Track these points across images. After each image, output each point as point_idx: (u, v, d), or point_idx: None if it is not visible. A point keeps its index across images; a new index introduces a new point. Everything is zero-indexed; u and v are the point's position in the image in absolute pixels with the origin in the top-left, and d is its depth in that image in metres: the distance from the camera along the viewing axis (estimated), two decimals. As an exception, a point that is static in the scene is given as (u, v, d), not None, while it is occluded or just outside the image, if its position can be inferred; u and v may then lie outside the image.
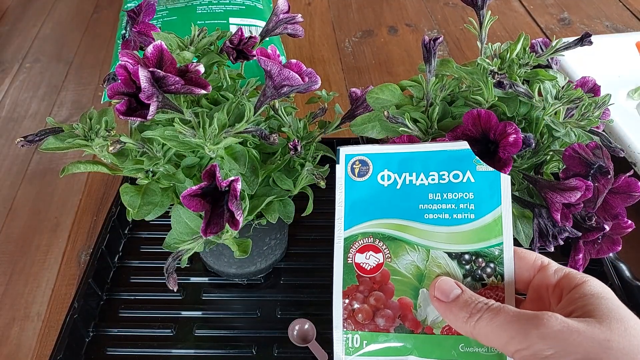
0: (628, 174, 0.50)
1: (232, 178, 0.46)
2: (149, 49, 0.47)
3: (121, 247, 0.73)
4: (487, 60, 0.54)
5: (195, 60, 0.57)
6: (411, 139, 0.52)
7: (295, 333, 0.62)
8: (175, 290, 0.50)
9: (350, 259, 0.42)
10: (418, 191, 0.42)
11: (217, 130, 0.49)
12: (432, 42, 0.54)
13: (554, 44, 0.57)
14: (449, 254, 0.40)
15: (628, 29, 1.15)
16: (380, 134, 0.59)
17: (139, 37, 0.58)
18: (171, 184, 0.56)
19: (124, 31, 0.61)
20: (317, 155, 0.60)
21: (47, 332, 0.66)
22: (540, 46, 0.59)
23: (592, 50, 0.60)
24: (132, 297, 0.67)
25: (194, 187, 0.46)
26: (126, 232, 0.75)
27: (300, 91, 0.52)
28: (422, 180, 0.43)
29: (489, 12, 0.56)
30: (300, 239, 0.73)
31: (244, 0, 1.08)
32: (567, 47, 0.57)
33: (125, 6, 1.12)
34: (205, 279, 0.69)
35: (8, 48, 1.18)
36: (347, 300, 0.41)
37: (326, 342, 0.61)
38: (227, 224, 0.46)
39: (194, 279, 0.69)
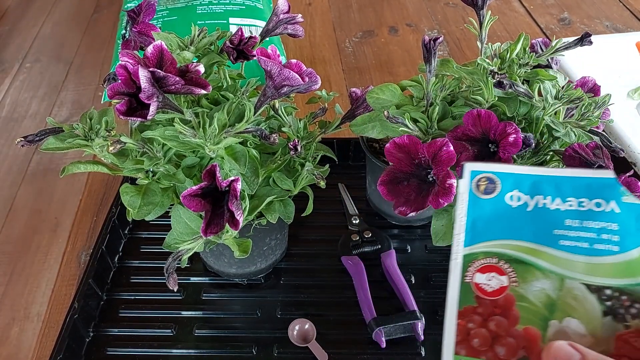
0: (628, 174, 0.50)
1: (232, 178, 0.46)
2: (149, 49, 0.47)
3: (121, 247, 0.73)
4: (487, 60, 0.54)
5: (195, 60, 0.57)
6: (412, 139, 0.52)
7: (295, 333, 0.62)
8: (175, 290, 0.50)
9: (468, 278, 0.38)
10: (553, 216, 0.39)
11: (217, 130, 0.49)
12: (432, 42, 0.54)
13: (554, 44, 0.57)
14: (588, 286, 0.36)
15: (628, 29, 1.15)
16: (380, 134, 0.59)
17: (139, 37, 0.58)
18: (171, 184, 0.56)
19: (124, 31, 0.61)
20: (317, 155, 0.60)
21: (47, 332, 0.66)
22: (540, 46, 0.59)
23: (592, 50, 0.60)
24: (132, 297, 0.67)
25: (194, 187, 0.46)
26: (126, 232, 0.74)
27: (301, 91, 0.52)
28: (558, 205, 0.39)
29: (489, 12, 0.56)
30: (300, 239, 0.73)
31: (244, 0, 1.08)
32: (567, 47, 0.57)
33: (125, 6, 1.12)
34: (205, 279, 0.69)
35: (8, 48, 1.18)
36: (462, 322, 0.37)
37: (326, 342, 0.61)
38: (227, 224, 0.46)
39: (194, 279, 0.69)
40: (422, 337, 0.61)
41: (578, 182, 0.40)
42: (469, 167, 0.41)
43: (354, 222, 0.74)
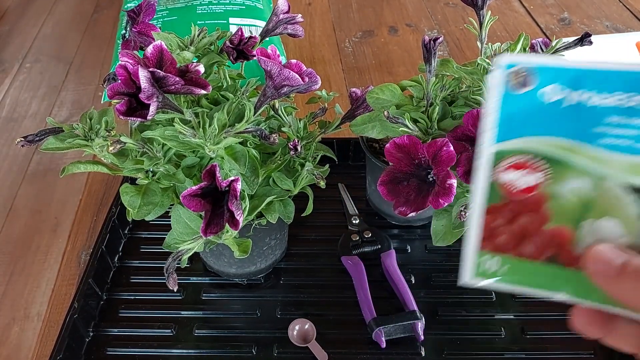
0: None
1: (232, 178, 0.46)
2: (149, 49, 0.47)
3: (121, 247, 0.73)
4: (487, 60, 0.54)
5: (195, 60, 0.57)
6: (412, 139, 0.52)
7: (295, 333, 0.62)
8: (175, 290, 0.50)
9: (497, 176, 0.35)
10: (594, 112, 0.35)
11: (217, 130, 0.49)
12: (432, 42, 0.54)
13: (554, 44, 0.57)
14: (630, 187, 0.33)
15: (628, 29, 1.15)
16: (380, 134, 0.59)
17: (139, 37, 0.58)
18: (171, 184, 0.56)
19: (124, 31, 0.61)
20: (317, 155, 0.60)
21: (47, 332, 0.66)
22: (540, 46, 0.59)
23: (592, 50, 0.60)
24: (132, 297, 0.67)
25: (194, 187, 0.46)
26: (126, 232, 0.75)
27: (300, 91, 0.52)
28: (602, 100, 0.35)
29: (489, 12, 0.56)
30: (300, 239, 0.73)
31: (244, 0, 1.08)
32: (567, 47, 0.57)
33: (125, 6, 1.12)
34: (205, 279, 0.69)
35: (8, 48, 1.18)
36: (488, 219, 0.35)
37: (326, 342, 0.61)
38: (227, 224, 0.46)
39: (194, 279, 0.69)
40: (422, 337, 0.61)
41: (630, 77, 0.35)
42: (504, 59, 0.37)
43: (354, 222, 0.74)
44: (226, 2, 1.06)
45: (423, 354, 0.60)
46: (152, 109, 0.44)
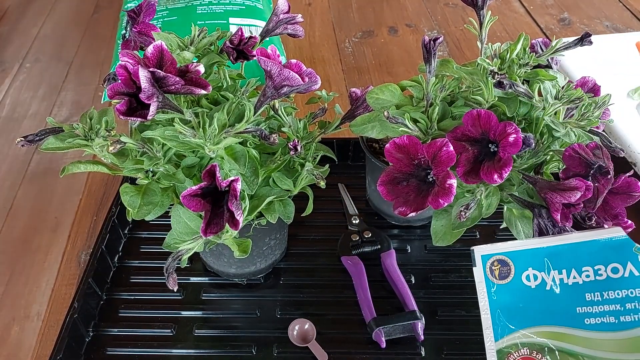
0: (628, 174, 0.50)
1: (232, 178, 0.46)
2: (149, 49, 0.47)
3: (121, 247, 0.73)
4: (487, 61, 0.54)
5: (195, 61, 0.57)
6: (411, 140, 0.52)
7: (295, 333, 0.62)
8: (175, 290, 0.50)
9: None
10: (572, 291, 0.37)
11: (217, 130, 0.49)
12: (432, 42, 0.54)
13: (554, 44, 0.57)
14: None
15: (628, 29, 1.15)
16: (380, 134, 0.59)
17: (139, 37, 0.58)
18: (171, 184, 0.56)
19: (124, 31, 0.61)
20: (317, 155, 0.60)
21: (47, 332, 0.66)
22: (540, 46, 0.59)
23: (592, 50, 0.60)
24: (132, 297, 0.67)
25: (194, 187, 0.46)
26: (126, 232, 0.75)
27: (300, 91, 0.52)
28: (574, 278, 0.37)
29: (489, 12, 0.56)
30: (300, 239, 0.73)
31: (244, 0, 1.08)
32: (567, 47, 0.57)
33: (126, 6, 1.12)
34: (205, 279, 0.69)
35: (8, 48, 1.18)
36: None
37: (326, 342, 0.61)
38: (227, 224, 0.46)
39: (194, 279, 0.69)
40: (422, 337, 0.61)
41: (590, 247, 0.38)
42: (478, 251, 0.40)
43: (353, 222, 0.74)
44: (226, 2, 1.06)
45: (423, 354, 0.60)
46: (152, 109, 0.44)
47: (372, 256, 0.69)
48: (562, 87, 0.54)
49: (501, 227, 0.60)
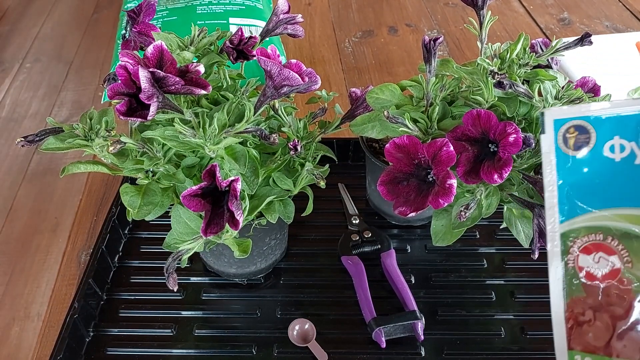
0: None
1: (232, 178, 0.46)
2: (149, 49, 0.47)
3: (121, 247, 0.73)
4: (487, 61, 0.54)
5: (195, 61, 0.57)
6: (411, 139, 0.52)
7: (295, 333, 0.62)
8: (175, 290, 0.50)
9: (571, 262, 0.32)
10: None
11: (217, 130, 0.49)
12: (432, 42, 0.54)
13: (554, 44, 0.57)
14: None
15: (628, 29, 1.15)
16: (380, 134, 0.59)
17: (139, 37, 0.58)
18: (171, 184, 0.56)
19: (124, 31, 0.61)
20: (317, 155, 0.60)
21: (47, 332, 0.66)
22: (540, 46, 0.59)
23: (592, 50, 0.60)
24: (132, 297, 0.67)
25: (194, 187, 0.46)
26: (126, 232, 0.75)
27: (300, 91, 0.52)
28: None
29: (489, 12, 0.56)
30: (300, 239, 0.73)
31: (244, 0, 1.08)
32: (567, 47, 0.57)
33: (125, 6, 1.12)
34: (205, 279, 0.69)
35: (8, 48, 1.18)
36: (572, 315, 0.31)
37: (326, 342, 0.61)
38: (227, 224, 0.46)
39: (194, 279, 0.69)
40: (422, 337, 0.61)
41: None
42: (550, 114, 0.32)
43: (353, 222, 0.74)
44: (226, 2, 1.06)
45: (423, 354, 0.60)
46: (152, 109, 0.44)
47: (372, 256, 0.69)
48: (562, 87, 0.54)
49: (501, 227, 0.60)
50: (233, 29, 0.85)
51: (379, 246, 0.70)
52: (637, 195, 0.30)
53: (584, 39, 0.55)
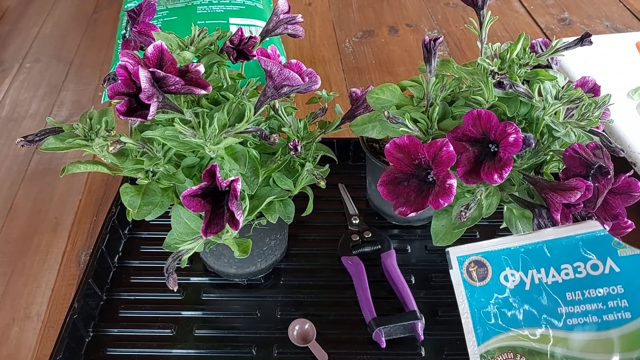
0: (628, 174, 0.50)
1: (232, 178, 0.46)
2: (149, 49, 0.47)
3: (121, 247, 0.73)
4: (488, 61, 0.54)
5: (195, 61, 0.57)
6: (412, 140, 0.52)
7: (295, 333, 0.62)
8: (175, 291, 0.50)
9: None
10: (553, 291, 0.36)
11: (217, 130, 0.49)
12: (432, 42, 0.54)
13: (554, 44, 0.57)
14: None
15: (628, 29, 1.15)
16: (380, 134, 0.59)
17: (139, 37, 0.58)
18: (171, 184, 0.56)
19: (124, 31, 0.61)
20: (317, 155, 0.60)
21: (47, 332, 0.66)
22: (540, 46, 0.59)
23: (592, 50, 0.59)
24: (132, 297, 0.67)
25: (194, 187, 0.46)
26: (126, 232, 0.74)
27: (301, 91, 0.52)
28: (553, 276, 0.36)
29: (489, 12, 0.56)
30: (300, 239, 0.73)
31: (244, 0, 1.08)
32: (567, 47, 0.57)
33: (125, 6, 1.12)
34: (205, 279, 0.69)
35: (8, 48, 1.18)
36: None
37: (326, 342, 0.61)
38: (227, 224, 0.46)
39: (194, 279, 0.69)
40: (422, 337, 0.61)
41: (567, 244, 0.37)
42: (453, 252, 0.39)
43: (354, 222, 0.74)
44: (226, 2, 1.06)
45: (423, 354, 0.60)
46: (152, 109, 0.44)
47: (372, 256, 0.69)
48: (562, 87, 0.54)
49: (501, 227, 0.60)
50: (233, 29, 0.85)
51: (379, 246, 0.70)
52: (531, 316, 0.36)
53: (584, 39, 0.55)
